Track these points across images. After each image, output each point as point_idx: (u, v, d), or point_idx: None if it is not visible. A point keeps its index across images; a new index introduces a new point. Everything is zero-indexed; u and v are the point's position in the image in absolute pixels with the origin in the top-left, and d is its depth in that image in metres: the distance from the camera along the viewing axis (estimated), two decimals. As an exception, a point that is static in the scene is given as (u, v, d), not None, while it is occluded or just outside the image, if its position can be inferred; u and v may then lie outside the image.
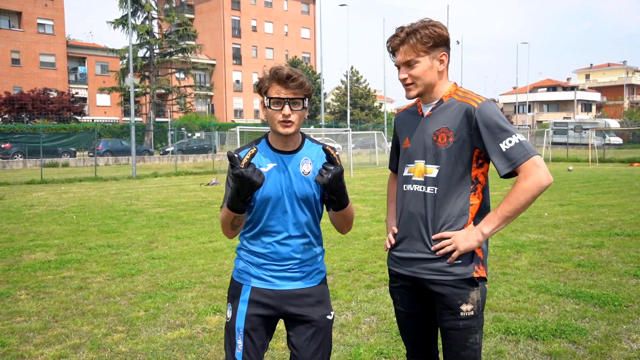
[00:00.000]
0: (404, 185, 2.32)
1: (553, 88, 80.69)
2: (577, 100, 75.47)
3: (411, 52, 2.17)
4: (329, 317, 2.35)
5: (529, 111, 72.37)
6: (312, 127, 40.91)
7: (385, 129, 43.58)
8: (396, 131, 2.46)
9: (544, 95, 79.29)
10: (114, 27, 43.49)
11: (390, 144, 2.79)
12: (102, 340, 4.12)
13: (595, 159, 28.46)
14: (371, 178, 20.58)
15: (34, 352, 3.92)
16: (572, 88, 78.68)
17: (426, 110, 2.29)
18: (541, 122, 70.86)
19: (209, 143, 36.47)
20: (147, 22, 45.81)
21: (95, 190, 16.97)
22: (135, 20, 44.73)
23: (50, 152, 29.88)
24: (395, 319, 2.56)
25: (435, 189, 2.19)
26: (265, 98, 2.21)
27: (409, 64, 2.19)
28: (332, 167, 2.12)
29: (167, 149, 37.87)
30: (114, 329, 4.38)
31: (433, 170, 2.20)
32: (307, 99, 2.22)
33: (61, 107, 42.64)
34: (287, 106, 2.17)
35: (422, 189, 2.23)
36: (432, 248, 2.19)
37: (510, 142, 2.08)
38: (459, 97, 2.20)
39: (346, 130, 27.71)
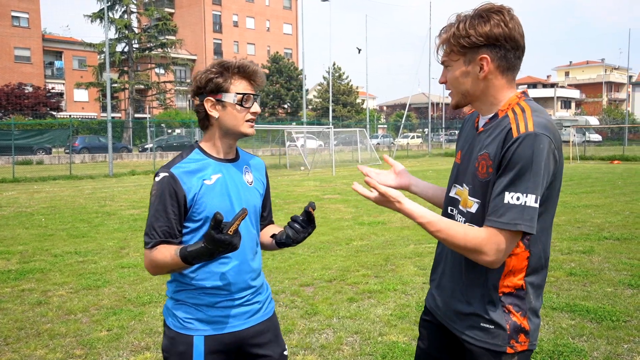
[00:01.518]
0: (449, 208, 1.87)
1: (533, 85, 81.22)
2: (557, 97, 76.16)
3: (443, 52, 1.74)
4: (285, 353, 2.11)
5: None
6: (294, 124, 40.59)
7: (368, 125, 43.36)
8: (458, 138, 2.00)
9: (524, 93, 79.63)
10: (92, 21, 42.61)
11: (372, 141, 2.41)
12: (56, 368, 3.72)
13: (576, 157, 28.50)
14: (353, 176, 20.26)
15: (-23, 383, 3.51)
16: (552, 85, 79.43)
17: (481, 124, 1.80)
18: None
19: (189, 140, 35.85)
20: (125, 16, 44.93)
21: (69, 189, 16.39)
22: (113, 14, 43.85)
23: (24, 149, 29.02)
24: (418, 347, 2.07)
25: (474, 227, 1.71)
26: (226, 95, 1.92)
27: (445, 66, 1.77)
28: (310, 229, 2.02)
29: (146, 146, 37.16)
30: (70, 353, 3.97)
31: (473, 205, 1.73)
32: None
33: (37, 102, 41.61)
34: (256, 103, 1.98)
35: (462, 221, 1.76)
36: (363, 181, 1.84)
37: (518, 198, 1.56)
38: (512, 115, 1.65)
39: (328, 128, 27.36)
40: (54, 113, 44.22)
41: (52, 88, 47.85)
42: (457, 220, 1.78)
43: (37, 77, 49.72)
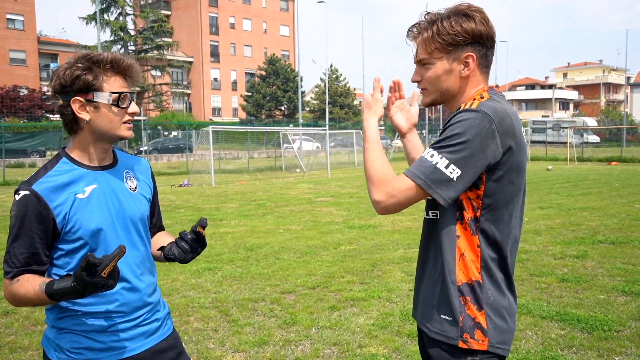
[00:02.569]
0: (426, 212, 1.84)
1: (531, 86, 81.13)
2: (555, 98, 76.06)
3: (424, 50, 1.69)
4: None
5: (508, 109, 72.58)
6: (290, 126, 40.38)
7: (365, 127, 43.10)
8: None
9: (522, 94, 79.65)
10: (87, 23, 42.38)
11: None
12: (12, 385, 3.51)
13: (574, 158, 28.33)
14: (348, 179, 20.06)
15: None
16: (550, 86, 79.30)
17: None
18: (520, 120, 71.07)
19: (185, 142, 35.63)
20: (121, 18, 44.73)
21: (59, 193, 16.18)
22: (108, 16, 43.67)
23: (17, 152, 28.78)
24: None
25: (438, 213, 1.69)
26: (98, 94, 1.67)
27: (422, 64, 1.72)
28: (199, 249, 1.84)
29: (141, 149, 36.94)
30: (30, 368, 3.76)
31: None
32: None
33: (32, 105, 41.34)
34: (133, 102, 1.76)
35: (426, 214, 1.77)
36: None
37: (432, 155, 1.57)
38: (472, 102, 1.66)
39: (324, 129, 27.15)
40: (49, 116, 43.96)
41: (48, 90, 47.54)
42: (426, 217, 1.77)
43: (33, 79, 49.47)
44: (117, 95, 1.69)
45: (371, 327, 4.39)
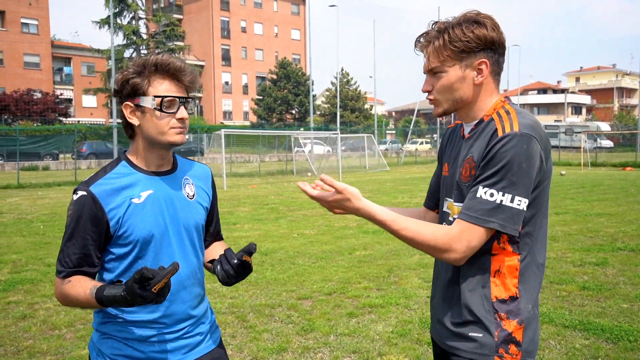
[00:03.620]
0: (443, 224, 1.75)
1: (543, 91, 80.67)
2: (568, 103, 75.50)
3: (436, 58, 1.65)
4: None
5: (520, 114, 72.24)
6: (302, 130, 40.38)
7: (376, 131, 43.09)
8: (441, 151, 1.92)
9: (534, 98, 79.21)
10: (100, 27, 42.67)
11: (381, 147, 2.11)
12: (31, 390, 3.48)
13: (587, 163, 28.07)
14: (360, 183, 20.00)
15: (-55, 407, 3.28)
16: (563, 91, 78.75)
17: (467, 131, 1.74)
18: (532, 124, 70.66)
19: (196, 145, 35.75)
20: (133, 22, 45.02)
21: (72, 195, 16.24)
22: (121, 20, 43.96)
23: (31, 155, 29.03)
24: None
25: None
26: (144, 99, 1.64)
27: (433, 73, 1.68)
28: (243, 276, 1.72)
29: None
30: (49, 373, 3.74)
31: (458, 211, 1.67)
32: (196, 97, 1.68)
33: (45, 108, 41.71)
34: (182, 107, 1.68)
35: None
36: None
37: (492, 194, 1.52)
38: (497, 118, 1.62)
39: (335, 133, 27.12)
40: (63, 119, 44.33)
41: (61, 94, 48.00)
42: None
43: (46, 83, 49.95)
44: (160, 99, 1.64)
45: (390, 335, 4.34)
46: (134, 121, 1.68)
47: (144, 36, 46.69)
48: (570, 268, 6.39)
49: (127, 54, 44.91)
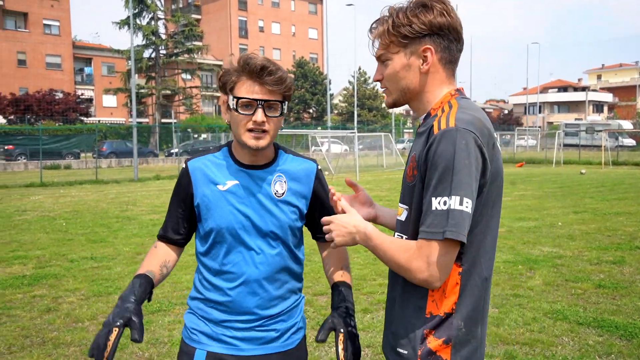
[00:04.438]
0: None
1: (564, 89, 79.66)
2: (589, 101, 74.51)
3: (381, 45, 1.57)
4: None
5: (539, 112, 71.48)
6: (319, 129, 40.49)
7: (393, 130, 43.02)
8: None
9: (554, 96, 78.31)
10: (120, 28, 43.22)
11: (398, 145, 2.09)
12: (56, 379, 3.62)
13: (609, 162, 27.70)
14: (377, 181, 20.01)
15: (-25, 394, 3.43)
16: (584, 89, 77.68)
17: (419, 126, 1.62)
18: (552, 123, 69.99)
19: (215, 144, 36.04)
20: (152, 23, 45.52)
21: (94, 193, 16.54)
22: (140, 20, 44.46)
23: (53, 153, 29.53)
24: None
25: (403, 236, 1.54)
26: (230, 97, 1.66)
27: (381, 60, 1.59)
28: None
29: (172, 151, 37.50)
30: (73, 363, 3.87)
31: (402, 212, 1.56)
32: (286, 101, 1.68)
33: (67, 108, 42.36)
34: (260, 110, 1.63)
35: (395, 235, 1.60)
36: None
37: (444, 203, 1.37)
38: (441, 113, 1.49)
39: (352, 132, 27.15)
40: (84, 118, 45.00)
41: (82, 94, 48.72)
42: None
43: (68, 83, 50.74)
44: (236, 100, 1.64)
45: (404, 330, 4.40)
46: (226, 117, 1.73)
47: (163, 36, 47.18)
48: (586, 266, 6.38)
49: (146, 54, 45.44)
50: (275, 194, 1.74)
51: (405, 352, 1.50)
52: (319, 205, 1.85)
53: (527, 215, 10.25)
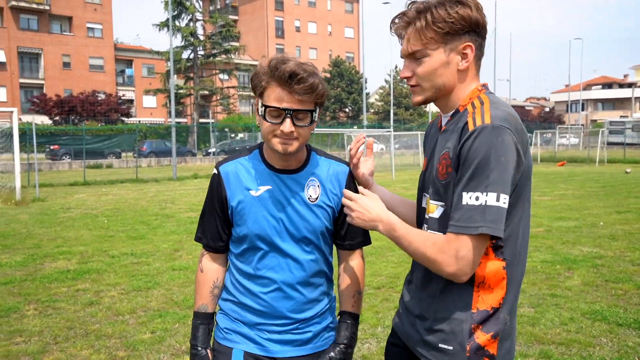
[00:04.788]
0: (420, 221, 1.69)
1: (608, 85, 77.34)
2: (635, 97, 72.01)
3: (418, 41, 1.50)
4: None
5: (582, 110, 69.54)
6: (355, 128, 40.47)
7: (430, 129, 42.54)
8: (423, 146, 1.85)
9: (598, 93, 76.08)
10: (159, 30, 44.11)
11: None
12: (97, 369, 3.76)
13: (655, 160, 26.79)
14: (413, 180, 19.87)
15: (22, 381, 3.59)
16: (630, 85, 75.16)
17: (444, 123, 1.62)
18: (595, 121, 67.99)
19: (252, 144, 36.41)
20: (191, 24, 46.30)
21: (134, 192, 16.97)
22: (179, 22, 45.27)
23: (96, 153, 30.40)
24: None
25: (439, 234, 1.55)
26: (259, 103, 1.61)
27: (414, 57, 1.53)
28: None
29: (209, 150, 38.08)
30: (114, 355, 4.01)
31: (435, 209, 1.55)
32: (317, 108, 1.61)
33: (109, 108, 43.57)
34: (288, 121, 1.57)
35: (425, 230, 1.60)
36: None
37: (477, 198, 1.38)
38: (471, 108, 1.50)
39: (388, 131, 27.03)
40: (125, 119, 46.15)
41: (123, 95, 49.98)
42: (424, 229, 1.62)
43: (110, 84, 52.20)
44: (264, 108, 1.60)
45: (438, 328, 4.39)
46: (257, 119, 1.68)
47: (201, 37, 47.92)
48: (628, 267, 6.21)
49: (184, 55, 46.25)
50: (309, 198, 1.71)
51: (451, 347, 1.50)
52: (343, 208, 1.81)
53: (567, 215, 10.03)
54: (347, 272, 1.87)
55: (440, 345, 1.51)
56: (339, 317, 1.87)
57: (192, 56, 46.80)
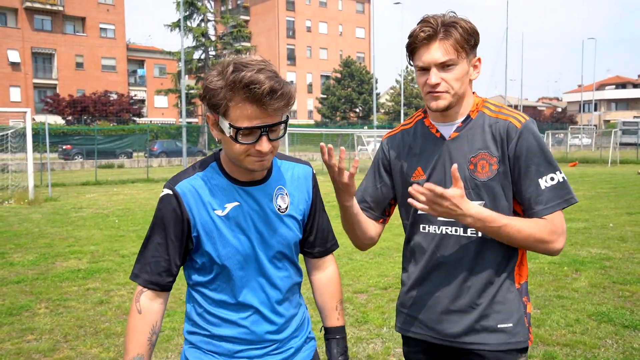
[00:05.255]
0: (422, 226, 1.76)
1: (622, 85, 76.63)
2: (649, 97, 71.29)
3: (451, 51, 1.62)
4: None
5: (595, 110, 68.96)
6: (365, 128, 40.43)
7: (441, 129, 42.41)
8: (389, 161, 1.85)
9: (612, 93, 75.40)
10: (171, 30, 44.31)
11: None
12: (106, 367, 3.83)
13: (668, 161, 26.52)
14: (423, 181, 19.85)
15: (33, 378, 3.67)
16: (643, 85, 74.44)
17: (447, 131, 1.74)
18: (608, 121, 67.40)
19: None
20: (202, 25, 46.53)
21: (145, 192, 17.12)
22: (191, 22, 45.51)
23: (107, 153, 30.67)
24: None
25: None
26: (222, 120, 1.41)
27: (444, 65, 1.64)
28: None
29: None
30: (122, 353, 4.06)
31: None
32: (289, 115, 1.47)
33: (121, 108, 43.94)
34: (265, 139, 1.41)
35: (456, 231, 1.71)
36: (410, 190, 1.55)
37: (552, 179, 1.64)
38: (492, 113, 1.71)
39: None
40: (136, 119, 46.50)
41: (135, 95, 50.39)
42: (443, 232, 1.73)
43: (122, 84, 52.64)
44: (235, 130, 1.40)
45: (443, 329, 4.41)
46: (215, 134, 1.49)
47: (212, 38, 48.14)
48: (637, 268, 6.19)
49: (196, 55, 46.50)
50: (278, 209, 1.58)
51: (510, 324, 1.68)
52: (312, 213, 1.72)
53: (576, 216, 9.98)
54: (324, 283, 1.77)
55: (499, 325, 1.67)
56: (323, 332, 1.77)
57: (203, 56, 47.03)
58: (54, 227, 9.88)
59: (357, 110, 55.78)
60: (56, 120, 41.84)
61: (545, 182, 1.63)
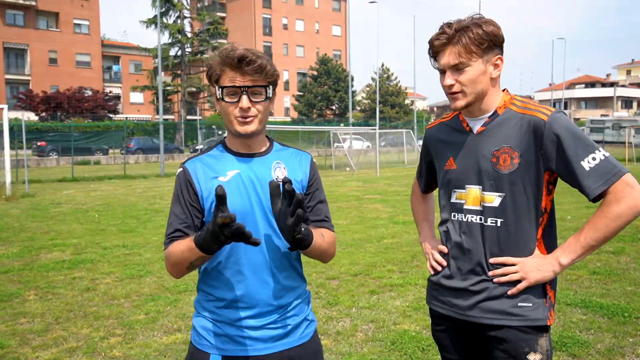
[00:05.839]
0: (452, 214, 1.95)
1: (591, 84, 78.61)
2: (617, 96, 73.32)
3: (462, 54, 1.79)
4: None
5: (566, 108, 70.63)
6: (341, 125, 40.91)
7: (415, 127, 43.18)
8: (430, 148, 2.09)
9: (581, 92, 77.29)
10: (147, 27, 44.24)
11: (419, 142, 2.44)
12: (98, 344, 4.17)
13: (633, 158, 27.51)
14: (397, 177, 20.38)
15: (30, 354, 4.00)
16: (612, 84, 76.47)
17: (476, 126, 1.91)
18: (578, 119, 69.12)
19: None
20: (179, 21, 46.45)
21: (123, 188, 17.28)
22: (167, 19, 45.41)
23: (83, 150, 30.57)
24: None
25: (498, 220, 1.84)
26: (217, 88, 1.72)
27: (457, 68, 1.81)
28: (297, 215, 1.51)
29: (197, 147, 38.38)
30: (112, 332, 4.42)
31: (494, 199, 1.85)
32: (270, 86, 1.72)
33: (95, 105, 43.64)
34: (244, 97, 1.68)
35: (479, 219, 1.87)
36: (491, 273, 1.83)
37: (594, 158, 1.73)
38: (518, 109, 1.85)
39: (373, 129, 27.52)
40: (112, 115, 46.22)
41: (110, 91, 50.01)
42: (468, 220, 1.90)
43: (96, 81, 52.18)
44: (221, 89, 1.69)
45: (406, 309, 4.85)
46: (218, 109, 1.76)
47: (189, 34, 48.08)
48: (587, 257, 6.70)
49: (172, 52, 46.41)
50: (276, 179, 1.74)
51: (530, 304, 1.81)
52: (309, 193, 1.86)
53: (538, 209, 10.53)
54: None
55: (520, 304, 1.81)
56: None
57: (179, 53, 46.96)
58: (35, 222, 10.08)
59: (334, 107, 56.25)
60: (29, 116, 41.36)
61: (588, 164, 1.72)
